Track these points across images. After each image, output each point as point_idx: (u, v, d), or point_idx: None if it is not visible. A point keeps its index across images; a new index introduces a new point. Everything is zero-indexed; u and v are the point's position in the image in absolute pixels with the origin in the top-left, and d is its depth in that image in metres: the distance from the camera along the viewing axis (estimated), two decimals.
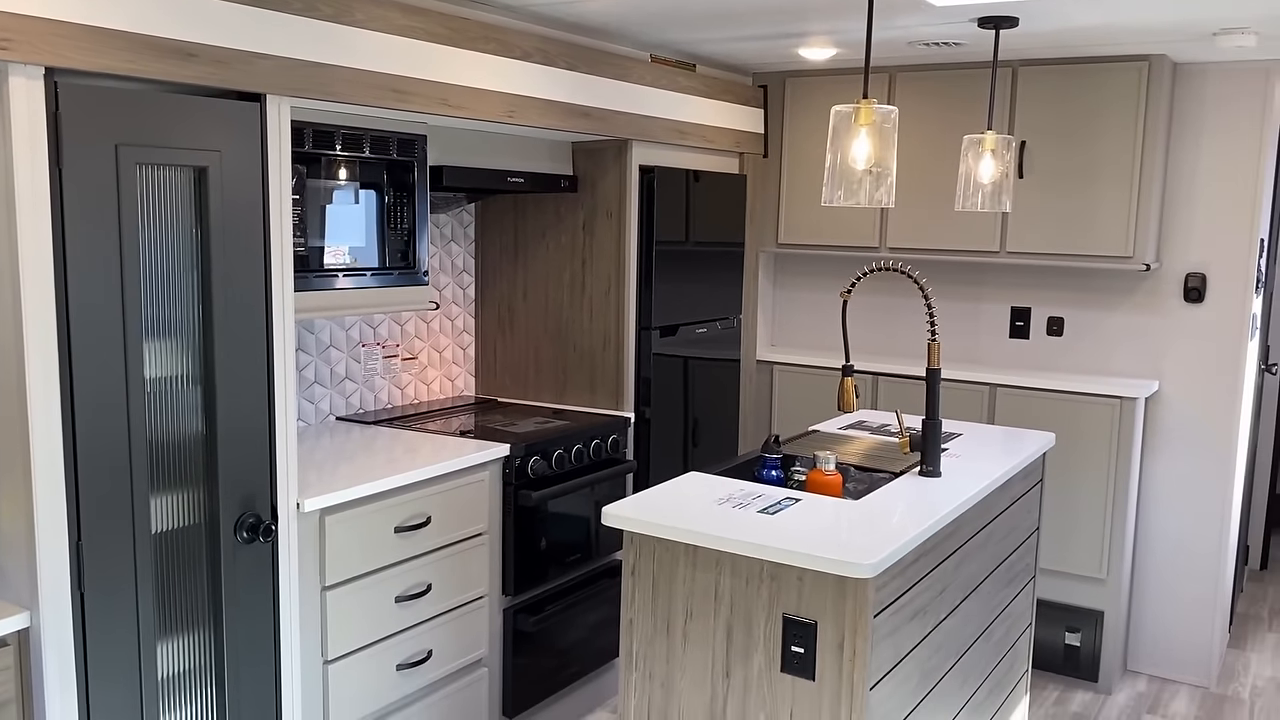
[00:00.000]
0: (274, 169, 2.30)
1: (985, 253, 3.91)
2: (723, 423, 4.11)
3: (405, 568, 2.72)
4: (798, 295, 4.58)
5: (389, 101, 2.59)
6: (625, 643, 2.35)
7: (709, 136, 3.87)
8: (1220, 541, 3.86)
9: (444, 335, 3.71)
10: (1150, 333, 3.91)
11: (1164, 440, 3.91)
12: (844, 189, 2.28)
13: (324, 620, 2.52)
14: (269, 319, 2.33)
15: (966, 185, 3.04)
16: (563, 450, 3.20)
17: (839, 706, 2.09)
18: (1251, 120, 3.68)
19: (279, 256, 2.33)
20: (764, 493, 2.45)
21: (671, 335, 3.73)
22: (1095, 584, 3.82)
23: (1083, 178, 3.71)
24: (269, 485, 2.36)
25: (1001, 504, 2.83)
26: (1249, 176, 3.71)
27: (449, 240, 3.68)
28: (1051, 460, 3.82)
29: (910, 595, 2.26)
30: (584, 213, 3.58)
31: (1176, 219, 3.83)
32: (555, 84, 3.11)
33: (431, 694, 2.86)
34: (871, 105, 2.26)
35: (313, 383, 3.24)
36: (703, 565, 2.22)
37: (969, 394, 3.94)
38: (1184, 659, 3.95)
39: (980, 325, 4.22)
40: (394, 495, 2.66)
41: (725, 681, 2.22)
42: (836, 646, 2.08)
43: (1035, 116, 3.77)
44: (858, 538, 2.14)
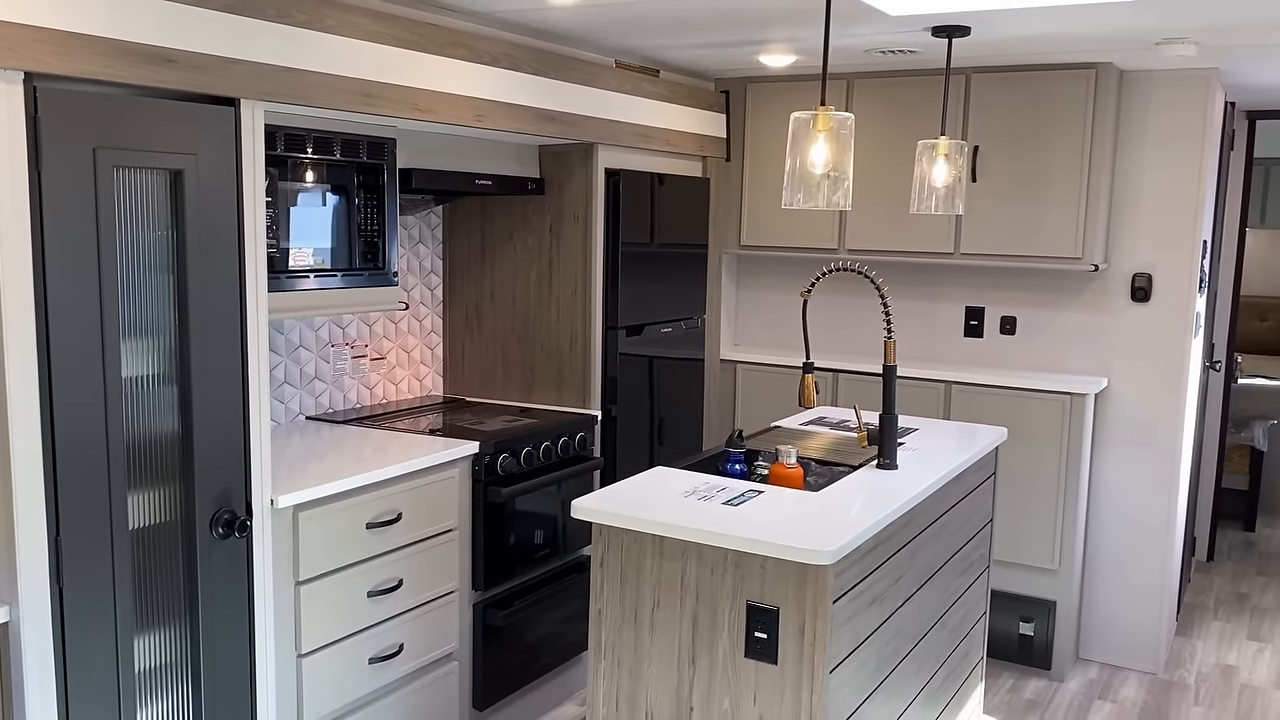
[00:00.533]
0: (248, 172, 2.35)
1: (940, 254, 4.03)
2: (688, 420, 4.19)
3: (377, 563, 2.77)
4: (760, 296, 4.68)
5: (360, 106, 2.64)
6: (594, 632, 2.42)
7: (673, 140, 3.95)
8: (1167, 533, 4.01)
9: (412, 335, 3.76)
10: (1099, 331, 4.05)
11: (1113, 435, 4.05)
12: (803, 192, 2.37)
13: (298, 614, 2.57)
14: (243, 319, 2.38)
15: (921, 189, 3.14)
16: (531, 448, 3.26)
17: (800, 689, 2.18)
18: (1194, 126, 3.82)
19: (253, 257, 2.38)
20: (728, 485, 2.53)
21: (637, 335, 3.81)
22: (1048, 575, 3.95)
23: (1033, 181, 3.83)
24: (244, 482, 2.41)
25: (956, 496, 2.94)
26: (1192, 180, 3.85)
27: (417, 242, 3.73)
28: (1005, 455, 3.94)
29: (868, 582, 2.35)
30: (551, 215, 3.65)
31: (1123, 221, 3.97)
32: (522, 89, 3.18)
33: (403, 687, 2.91)
34: (829, 112, 2.35)
35: (282, 382, 3.28)
36: (669, 555, 2.30)
37: (925, 391, 4.05)
38: (1133, 647, 4.09)
39: (936, 324, 4.34)
40: (366, 492, 2.72)
41: (691, 667, 2.30)
42: (798, 631, 2.17)
43: (988, 122, 3.89)
44: (818, 527, 2.22)
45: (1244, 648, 4.34)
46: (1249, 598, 4.94)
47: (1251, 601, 4.89)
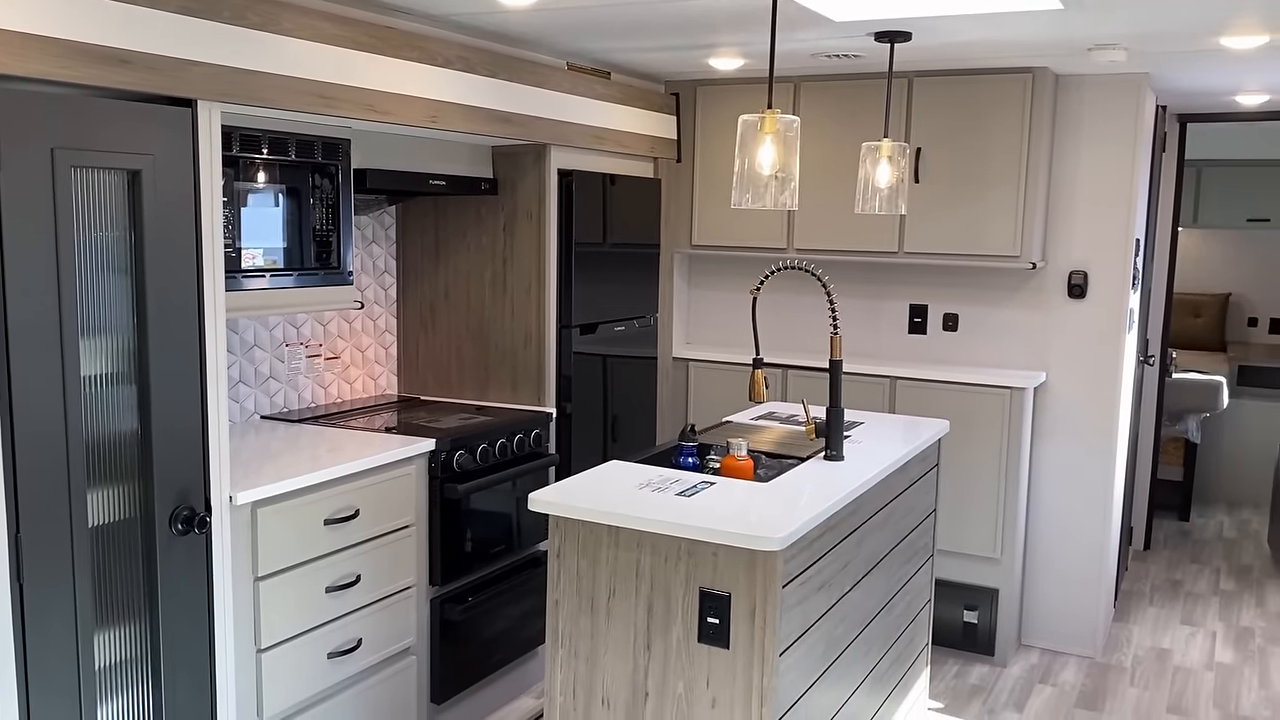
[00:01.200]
0: (205, 172, 2.38)
1: (885, 253, 4.14)
2: (641, 417, 4.26)
3: (335, 559, 2.81)
4: (711, 294, 4.76)
5: (316, 107, 2.68)
6: (551, 621, 2.47)
7: (624, 142, 4.02)
8: (1104, 522, 4.15)
9: (366, 335, 3.78)
10: (1037, 327, 4.18)
11: (1052, 428, 4.19)
12: (751, 192, 2.45)
13: (257, 610, 2.60)
14: (201, 318, 2.40)
15: (865, 189, 3.24)
16: (487, 445, 3.31)
17: (752, 671, 2.25)
18: (1126, 128, 3.97)
19: (210, 257, 2.41)
20: (681, 478, 2.60)
21: (591, 333, 3.87)
22: (990, 564, 4.07)
23: (974, 182, 3.96)
24: (202, 479, 2.43)
25: (900, 486, 3.04)
26: (1124, 181, 4.00)
27: (370, 242, 3.76)
28: (947, 448, 4.06)
29: (816, 568, 2.43)
30: (504, 214, 3.70)
31: (1060, 220, 4.11)
32: (476, 90, 3.23)
33: (361, 681, 2.94)
34: (775, 115, 2.43)
35: (237, 382, 3.30)
36: (625, 545, 2.36)
37: (871, 386, 4.16)
38: (1073, 632, 4.23)
39: (881, 322, 4.45)
40: (324, 489, 2.75)
41: (646, 653, 2.37)
42: (749, 616, 2.24)
43: (929, 125, 4.00)
44: (767, 515, 2.30)
45: (1177, 632, 4.50)
46: (1183, 584, 5.12)
47: (1185, 588, 5.06)
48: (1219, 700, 3.85)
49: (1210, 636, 4.46)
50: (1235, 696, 3.89)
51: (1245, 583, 5.17)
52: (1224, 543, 5.82)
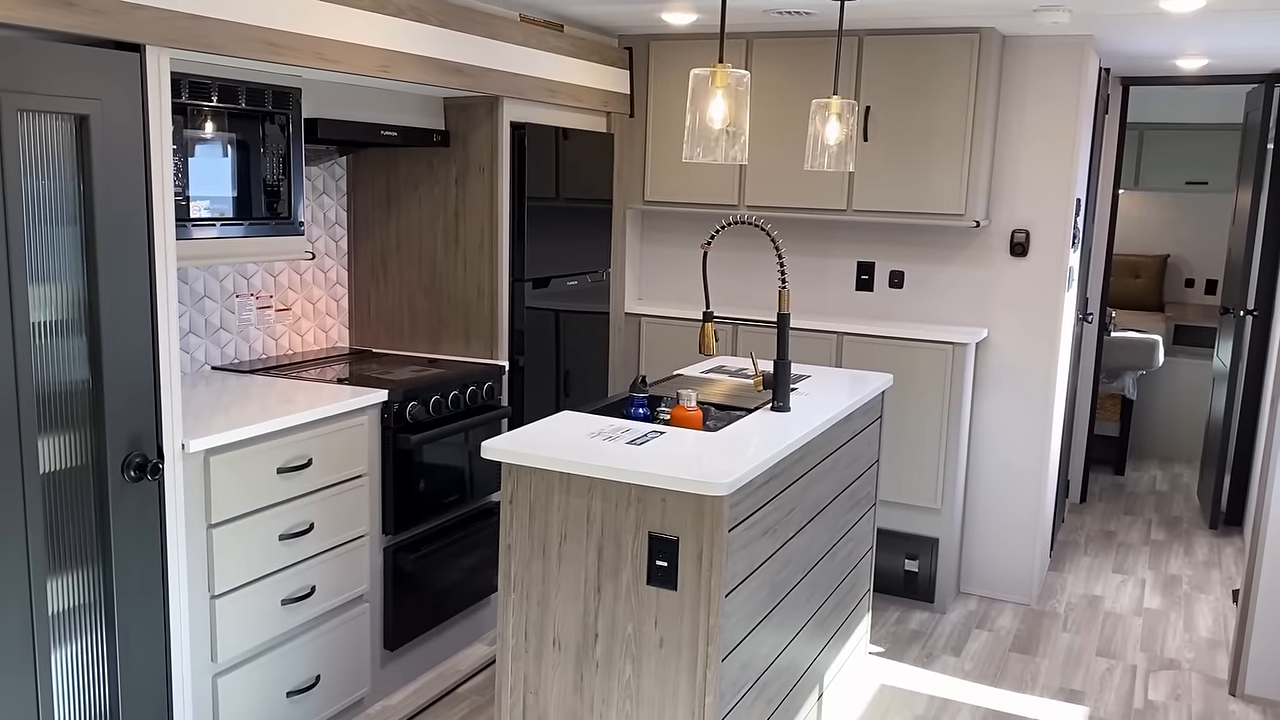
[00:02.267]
0: (154, 119, 2.36)
1: (834, 211, 4.20)
2: (594, 371, 4.30)
3: (288, 507, 2.83)
4: (663, 251, 4.80)
5: (265, 55, 2.66)
6: (504, 566, 2.53)
7: (578, 95, 4.02)
8: (1041, 475, 4.29)
9: (317, 287, 3.78)
10: (981, 284, 4.28)
11: (993, 382, 4.30)
12: (702, 146, 2.49)
13: (210, 557, 2.62)
14: (151, 266, 2.40)
15: (814, 146, 3.29)
16: (439, 396, 3.34)
17: (699, 612, 2.33)
18: (1069, 89, 4.06)
19: (160, 205, 2.40)
20: (632, 427, 2.66)
21: (544, 287, 3.89)
22: (931, 514, 4.19)
23: (921, 141, 4.02)
24: (155, 426, 2.44)
25: (844, 436, 3.12)
26: (1066, 142, 4.09)
27: (321, 193, 3.75)
28: (891, 401, 4.16)
29: (762, 513, 2.51)
30: (456, 167, 3.70)
31: (1004, 180, 4.20)
32: (429, 41, 3.22)
33: (315, 627, 2.98)
34: (726, 69, 2.47)
35: (188, 333, 3.29)
36: (576, 492, 2.42)
37: (819, 341, 4.24)
38: (1009, 580, 4.38)
39: (829, 278, 4.53)
40: (276, 437, 2.77)
41: (597, 596, 2.43)
42: (696, 559, 2.31)
43: (879, 83, 4.06)
44: (715, 462, 2.37)
45: (1109, 580, 4.68)
46: (1116, 535, 5.30)
47: (1118, 538, 5.25)
48: (1146, 644, 4.02)
49: (1140, 584, 4.64)
50: (1161, 639, 4.06)
51: (1175, 533, 5.37)
52: (1156, 495, 6.02)
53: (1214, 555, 5.06)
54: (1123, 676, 3.74)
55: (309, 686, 2.96)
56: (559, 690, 2.50)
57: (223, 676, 2.70)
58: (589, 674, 2.46)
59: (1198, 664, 3.86)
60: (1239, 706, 3.54)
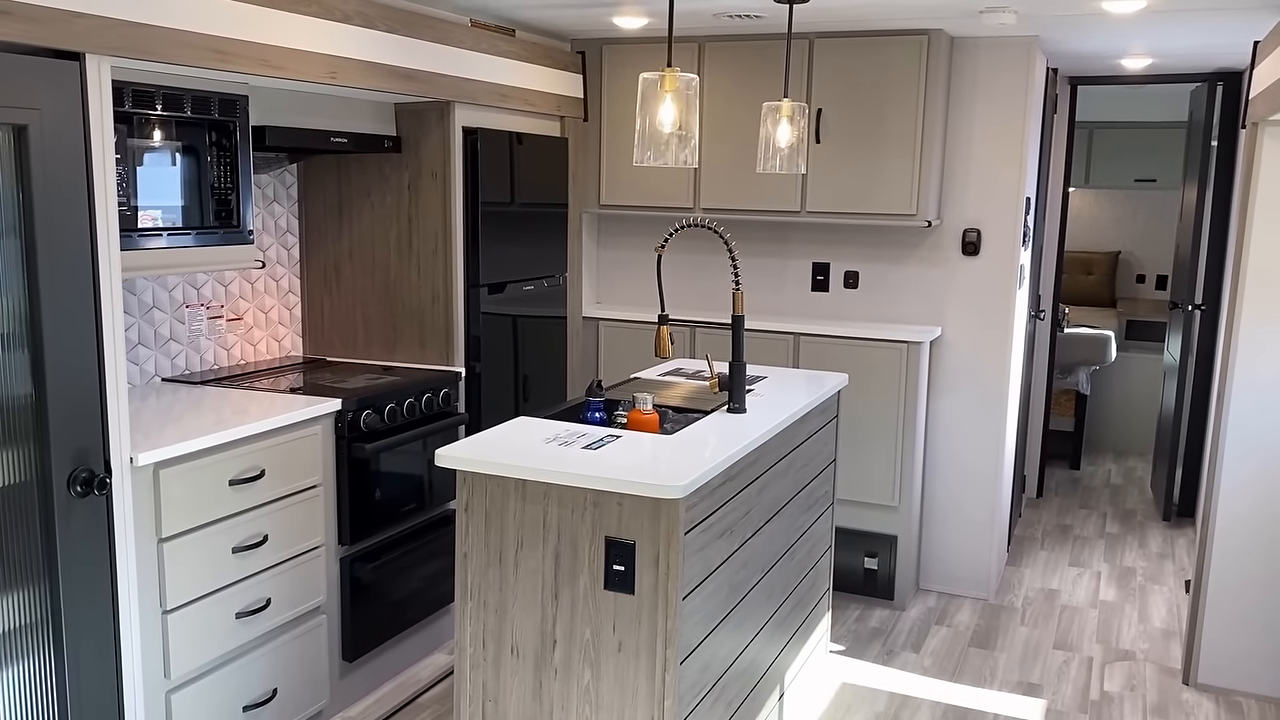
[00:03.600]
0: (95, 128, 2.33)
1: (788, 212, 4.22)
2: (552, 376, 4.29)
3: (241, 519, 2.80)
4: (620, 254, 4.80)
5: (210, 62, 2.63)
6: (460, 575, 2.51)
7: (530, 100, 4.01)
8: (997, 471, 4.33)
9: (269, 295, 3.74)
10: (934, 283, 4.32)
11: (947, 380, 4.35)
12: (653, 150, 2.49)
13: (161, 571, 2.58)
14: (95, 277, 2.36)
15: (766, 149, 3.30)
16: (394, 404, 3.31)
17: (656, 615, 2.32)
18: (1017, 89, 4.11)
19: (104, 215, 2.36)
20: (587, 432, 2.65)
21: (500, 292, 3.88)
22: (889, 511, 4.22)
23: (872, 142, 4.06)
24: (101, 440, 2.40)
25: (800, 436, 3.14)
26: (1015, 141, 4.14)
27: (271, 200, 3.71)
28: (848, 400, 4.19)
29: (718, 515, 2.51)
30: (409, 173, 3.68)
31: (955, 179, 4.24)
32: (376, 46, 3.20)
33: (271, 640, 2.95)
34: (675, 73, 2.47)
35: (136, 344, 3.24)
36: (531, 498, 2.41)
37: (775, 342, 4.26)
38: (968, 576, 4.42)
39: (785, 279, 4.55)
40: (228, 449, 2.73)
41: (554, 602, 2.43)
42: (653, 562, 2.31)
43: (830, 85, 4.08)
44: (670, 465, 2.37)
45: (1065, 573, 4.74)
46: (1072, 529, 5.37)
47: (1074, 532, 5.32)
48: (1102, 635, 4.08)
49: (1095, 577, 4.70)
50: (1116, 631, 4.12)
51: (1129, 526, 5.45)
52: (1111, 489, 6.11)
53: (1167, 547, 5.14)
54: (1079, 668, 3.79)
55: (266, 700, 2.93)
56: (518, 698, 2.49)
57: (176, 693, 2.66)
58: (548, 680, 2.45)
59: (1152, 654, 3.92)
60: (1192, 695, 3.60)
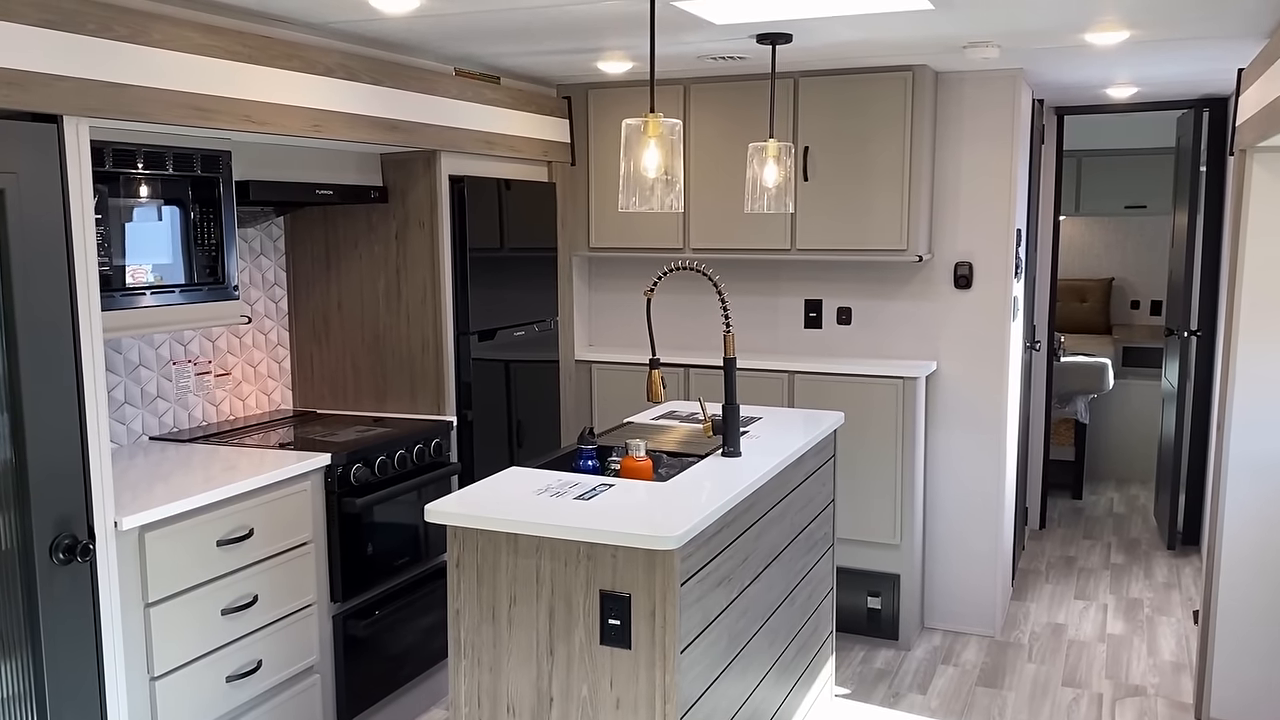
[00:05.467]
0: (74, 189, 2.30)
1: (778, 250, 4.21)
2: (545, 421, 4.25)
3: (230, 580, 2.74)
4: (611, 297, 4.78)
5: (191, 120, 2.61)
6: (453, 632, 2.46)
7: (517, 146, 4.01)
8: (998, 504, 4.29)
9: (257, 349, 3.71)
10: (927, 318, 4.30)
11: (944, 414, 4.31)
12: (637, 195, 2.47)
13: (149, 637, 2.53)
14: (75, 339, 2.32)
15: (753, 189, 3.29)
16: (385, 457, 3.27)
17: (654, 670, 2.27)
18: (1004, 122, 4.11)
19: (84, 276, 2.33)
20: (580, 481, 2.61)
21: (490, 339, 3.85)
22: (891, 550, 4.17)
23: (860, 179, 4.05)
24: (84, 505, 2.36)
25: (797, 478, 3.09)
26: (1004, 173, 4.14)
27: (258, 254, 3.69)
28: (846, 438, 4.15)
29: (715, 564, 2.46)
30: (396, 223, 3.66)
31: (944, 214, 4.23)
32: (360, 98, 3.19)
33: (264, 703, 2.88)
34: (658, 119, 2.46)
35: (123, 403, 3.20)
36: (524, 552, 2.36)
37: (770, 381, 4.22)
38: (972, 613, 4.36)
39: (778, 318, 4.53)
40: (214, 509, 2.69)
41: (550, 659, 2.37)
42: (649, 615, 2.26)
43: (816, 124, 4.08)
44: (665, 515, 2.32)
45: (1071, 606, 4.68)
46: (1076, 560, 5.31)
47: (1079, 564, 5.26)
48: (1111, 670, 4.01)
49: (1102, 609, 4.64)
50: (1126, 666, 4.05)
51: (1134, 555, 5.39)
52: (1114, 518, 6.06)
53: (1173, 576, 5.08)
54: (1089, 706, 3.72)
55: None
56: None
57: None
58: None
59: (1163, 689, 3.85)
60: None
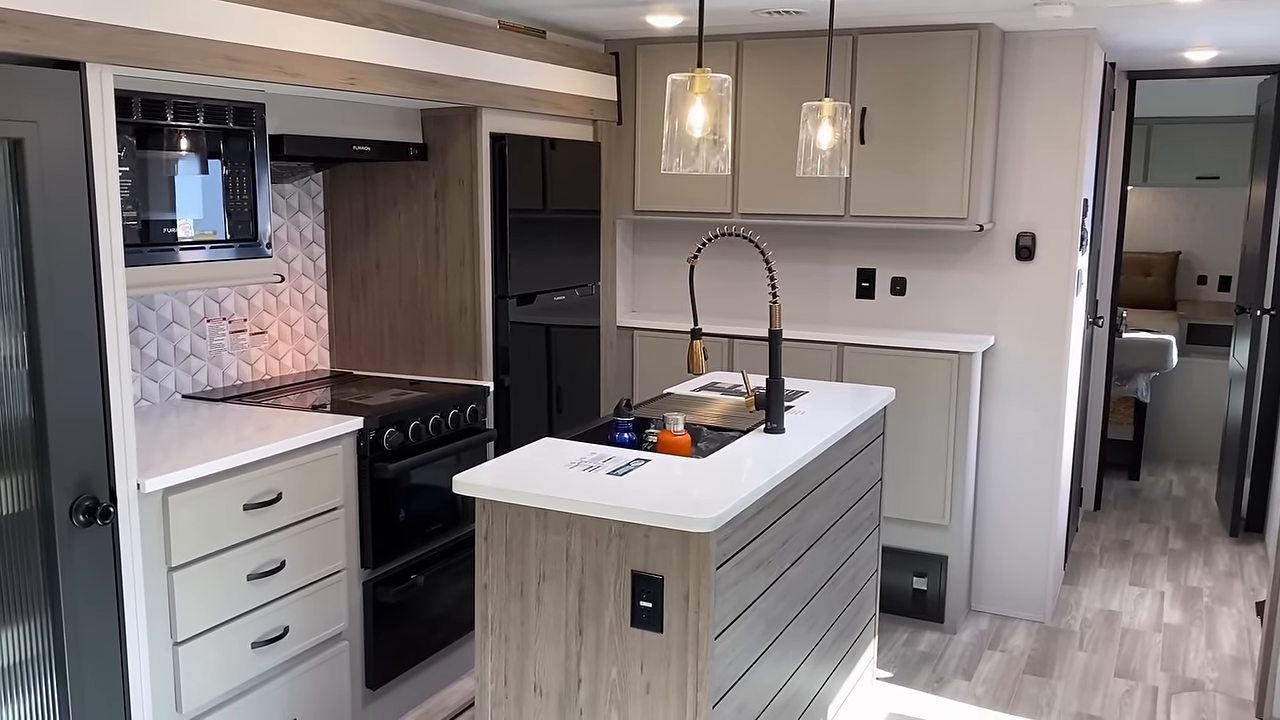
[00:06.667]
0: (97, 140, 2.22)
1: (831, 217, 4.04)
2: (585, 389, 4.15)
3: (256, 545, 2.68)
4: (657, 261, 4.65)
5: (221, 69, 2.52)
6: (480, 607, 2.38)
7: (561, 103, 3.87)
8: (1053, 486, 4.12)
9: (294, 308, 3.64)
10: (986, 290, 4.12)
11: (1000, 392, 4.14)
12: (682, 156, 2.33)
13: (171, 601, 2.48)
14: (98, 296, 2.25)
15: (806, 152, 3.13)
16: (419, 421, 3.19)
17: (686, 656, 2.17)
18: (1074, 86, 3.89)
19: (107, 231, 2.26)
20: (614, 455, 2.51)
21: (529, 303, 3.74)
22: (939, 530, 4.03)
23: (920, 143, 3.86)
24: (106, 467, 2.30)
25: (843, 457, 2.96)
26: (1072, 140, 3.92)
27: (296, 211, 3.61)
28: (896, 414, 4.00)
29: (753, 546, 2.35)
30: (435, 181, 3.56)
31: (1008, 181, 4.03)
32: (398, 50, 3.07)
33: (290, 670, 2.84)
34: (706, 74, 2.31)
35: (155, 360, 3.15)
36: (553, 528, 2.27)
37: (818, 353, 4.08)
38: (1022, 596, 4.21)
39: (829, 287, 4.37)
40: (241, 472, 2.62)
41: (578, 639, 2.28)
42: (682, 599, 2.16)
43: (875, 83, 3.90)
44: (700, 494, 2.21)
45: (1126, 593, 4.50)
46: (1132, 544, 5.13)
47: (1134, 548, 5.07)
48: (1167, 662, 3.85)
49: (1159, 597, 4.46)
50: (1183, 658, 3.89)
51: (1193, 541, 5.19)
52: (1173, 501, 5.84)
53: (1235, 564, 4.88)
54: (1143, 699, 3.57)
55: None
56: None
57: None
58: None
59: (1222, 684, 3.68)
60: None
